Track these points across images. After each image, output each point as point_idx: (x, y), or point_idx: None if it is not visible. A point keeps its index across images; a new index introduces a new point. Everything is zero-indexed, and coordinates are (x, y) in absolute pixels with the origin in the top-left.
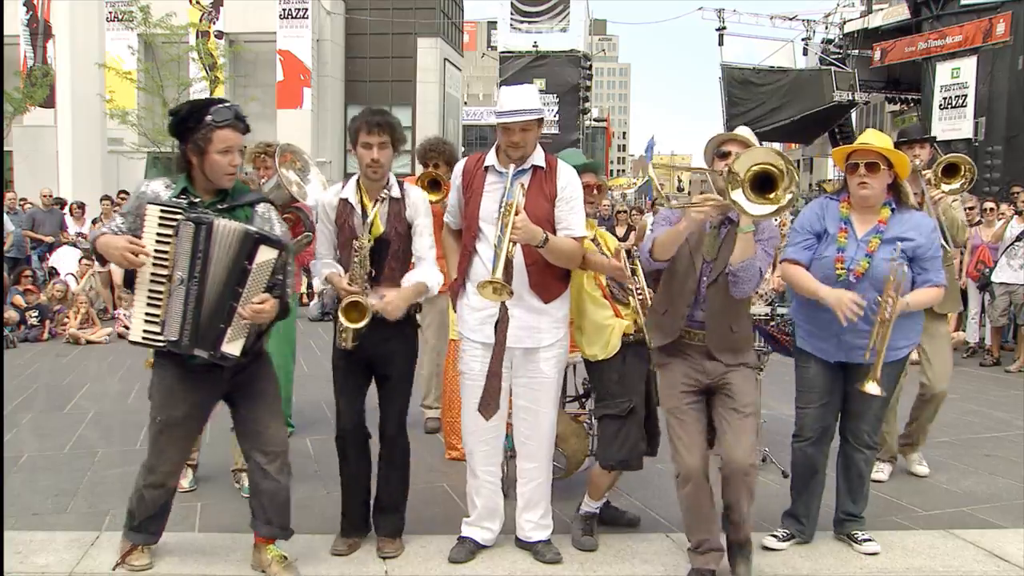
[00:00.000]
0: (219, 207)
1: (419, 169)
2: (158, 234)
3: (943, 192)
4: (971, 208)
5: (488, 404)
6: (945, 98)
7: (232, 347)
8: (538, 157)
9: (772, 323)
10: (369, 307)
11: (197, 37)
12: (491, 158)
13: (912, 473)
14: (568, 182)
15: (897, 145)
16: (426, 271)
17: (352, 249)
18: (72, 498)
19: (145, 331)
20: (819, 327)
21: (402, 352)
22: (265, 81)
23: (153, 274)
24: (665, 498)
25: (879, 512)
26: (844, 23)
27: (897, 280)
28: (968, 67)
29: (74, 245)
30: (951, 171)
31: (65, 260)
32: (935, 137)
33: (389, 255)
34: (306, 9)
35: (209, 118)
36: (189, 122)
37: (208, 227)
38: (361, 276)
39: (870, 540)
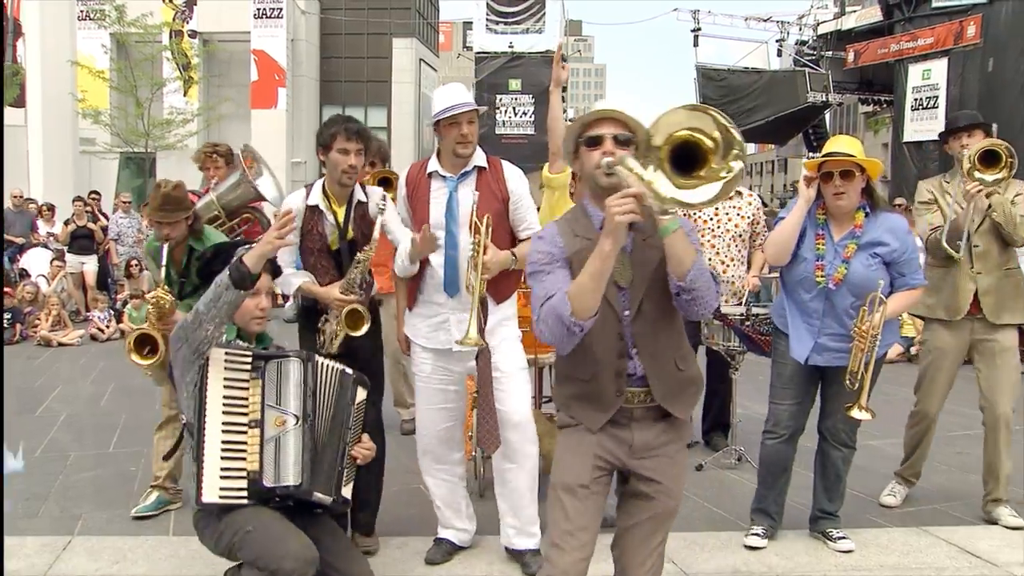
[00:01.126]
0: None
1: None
2: (226, 379)
3: (978, 184)
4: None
5: (489, 441)
6: (917, 99)
7: (347, 491)
8: (479, 158)
9: (747, 323)
10: (367, 314)
11: (170, 37)
12: (434, 163)
13: (1008, 527)
14: (518, 181)
15: (945, 135)
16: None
17: (354, 260)
18: (43, 502)
19: (223, 488)
20: (800, 326)
21: (366, 345)
22: (239, 81)
23: (225, 423)
24: None
25: (853, 510)
26: (817, 25)
27: (875, 308)
28: (939, 69)
29: (45, 246)
30: (990, 159)
31: (36, 261)
32: (990, 124)
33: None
34: (281, 9)
35: (235, 260)
36: (215, 264)
37: (315, 364)
38: (358, 283)
39: (844, 538)
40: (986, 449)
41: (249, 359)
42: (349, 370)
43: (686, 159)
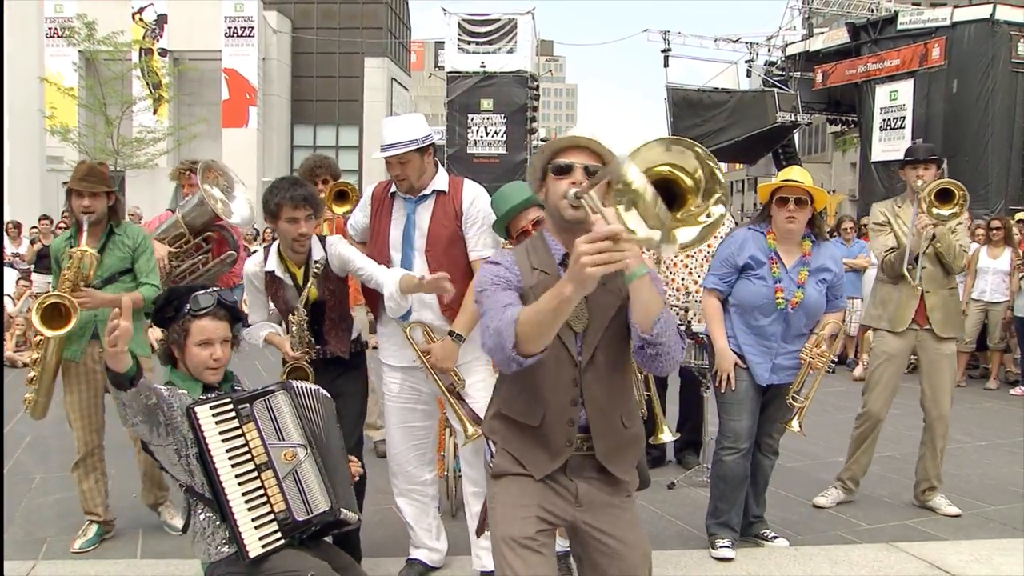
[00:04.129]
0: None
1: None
2: (220, 433)
3: (931, 221)
4: None
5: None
6: (885, 120)
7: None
8: (440, 182)
9: None
10: (311, 372)
11: (141, 55)
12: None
13: (947, 515)
14: (474, 200)
15: (903, 164)
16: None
17: (288, 322)
18: (8, 525)
19: (262, 538)
20: (756, 350)
21: (350, 385)
22: (210, 100)
23: (238, 475)
24: None
25: (823, 527)
26: (786, 46)
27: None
28: (905, 90)
29: (11, 266)
30: (944, 196)
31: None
32: (942, 159)
33: (327, 311)
34: (252, 27)
35: (187, 307)
36: (167, 311)
37: (296, 390)
38: (303, 342)
39: (778, 536)
40: (928, 443)
41: (231, 406)
42: (321, 389)
43: (662, 197)
